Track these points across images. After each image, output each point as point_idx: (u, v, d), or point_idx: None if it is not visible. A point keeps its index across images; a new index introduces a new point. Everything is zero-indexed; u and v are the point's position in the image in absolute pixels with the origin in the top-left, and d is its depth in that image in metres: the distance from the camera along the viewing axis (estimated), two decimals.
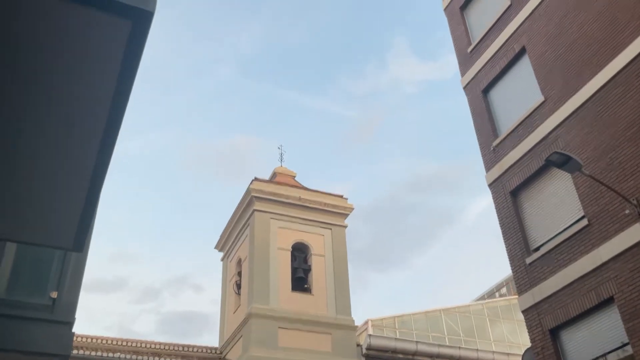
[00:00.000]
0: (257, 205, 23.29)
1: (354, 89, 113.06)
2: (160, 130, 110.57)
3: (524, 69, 13.86)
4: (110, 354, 18.03)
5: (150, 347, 21.68)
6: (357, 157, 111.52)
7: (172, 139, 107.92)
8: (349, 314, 22.49)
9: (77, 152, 3.23)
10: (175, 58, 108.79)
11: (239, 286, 23.77)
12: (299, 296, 22.24)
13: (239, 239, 24.66)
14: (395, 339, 23.05)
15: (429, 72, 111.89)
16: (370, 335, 22.29)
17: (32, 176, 3.38)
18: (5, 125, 3.03)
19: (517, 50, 14.02)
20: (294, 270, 22.74)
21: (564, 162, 9.80)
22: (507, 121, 14.03)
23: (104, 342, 20.88)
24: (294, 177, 26.64)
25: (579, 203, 11.30)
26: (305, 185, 25.82)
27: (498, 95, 14.70)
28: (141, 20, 2.49)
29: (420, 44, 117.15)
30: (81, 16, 2.44)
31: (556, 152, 9.96)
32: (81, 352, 17.46)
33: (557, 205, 11.96)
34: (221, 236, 26.33)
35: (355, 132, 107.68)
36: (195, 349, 22.70)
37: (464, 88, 15.89)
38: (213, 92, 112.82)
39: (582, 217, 11.13)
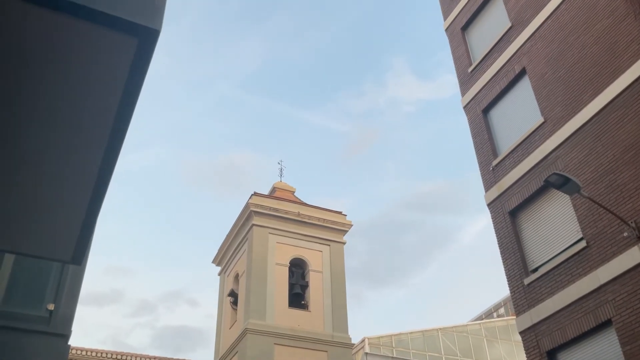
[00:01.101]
0: (256, 220, 23.27)
1: (353, 107, 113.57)
2: (159, 145, 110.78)
3: (524, 90, 13.94)
4: None
5: None
6: (355, 174, 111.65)
7: (171, 154, 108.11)
8: (346, 331, 22.37)
9: (79, 167, 3.25)
10: (175, 74, 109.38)
11: (235, 301, 23.65)
12: (295, 312, 22.13)
13: (237, 253, 24.60)
14: (392, 357, 22.90)
15: (427, 92, 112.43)
16: (367, 353, 22.16)
17: (33, 188, 3.40)
18: (9, 138, 3.06)
19: (517, 71, 14.12)
20: (291, 286, 22.66)
21: (563, 184, 9.83)
22: (506, 141, 14.08)
23: (99, 355, 20.75)
24: (294, 192, 26.65)
25: (578, 225, 11.31)
26: (304, 200, 25.82)
27: (498, 115, 14.77)
28: (147, 38, 2.52)
29: (419, 64, 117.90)
30: (88, 33, 2.48)
31: (555, 174, 9.99)
32: None
33: (556, 227, 11.96)
34: (219, 250, 26.27)
35: (354, 149, 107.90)
36: None
37: (464, 107, 15.97)
38: (213, 108, 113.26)
39: (581, 239, 11.13)
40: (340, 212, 25.26)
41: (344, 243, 24.69)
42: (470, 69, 16.07)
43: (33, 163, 3.25)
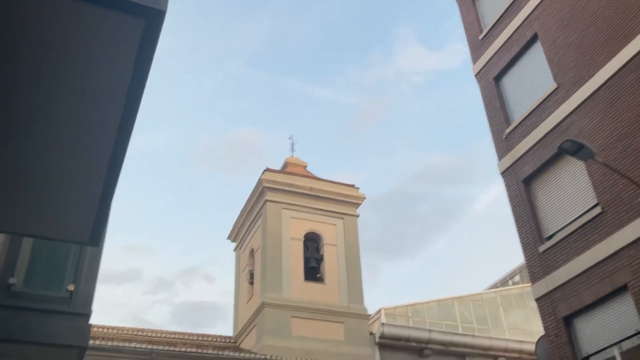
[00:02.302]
0: (269, 196, 23.37)
1: (361, 79, 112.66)
2: (170, 125, 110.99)
3: (536, 56, 13.74)
4: (127, 344, 18.23)
5: (166, 336, 21.91)
6: (366, 147, 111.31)
7: (182, 134, 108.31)
8: (362, 302, 22.57)
9: (92, 148, 3.27)
10: (183, 53, 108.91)
11: (252, 276, 23.90)
12: (311, 285, 22.34)
13: (252, 229, 24.77)
14: (408, 327, 23.09)
15: (436, 62, 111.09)
16: (383, 323, 22.35)
17: (48, 172, 3.43)
18: (22, 121, 3.08)
19: (529, 37, 13.89)
20: (306, 260, 22.84)
21: (577, 150, 9.74)
22: (519, 109, 13.93)
23: (120, 332, 21.12)
24: (305, 167, 26.66)
25: (593, 191, 11.24)
26: (316, 175, 25.85)
27: (510, 82, 14.59)
28: (154, 19, 2.52)
29: (427, 34, 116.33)
30: (95, 15, 2.48)
31: (569, 140, 9.89)
32: (97, 342, 17.67)
33: (571, 193, 11.90)
34: (234, 227, 26.46)
35: (363, 121, 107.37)
36: (210, 339, 22.91)
37: (476, 76, 15.79)
38: (222, 86, 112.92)
39: (596, 205, 11.07)
40: (352, 186, 25.27)
41: (358, 216, 24.75)
42: (481, 36, 15.84)
43: (48, 148, 3.27)
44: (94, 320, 23.08)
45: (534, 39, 13.83)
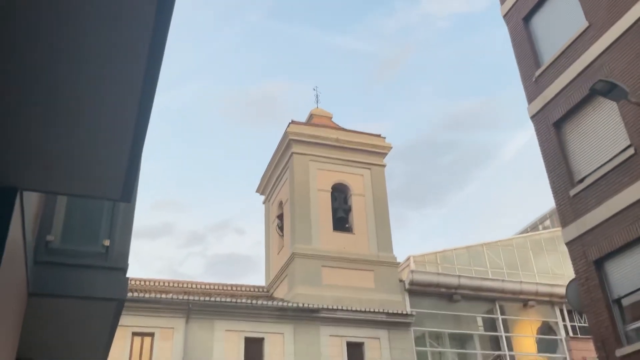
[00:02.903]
0: (296, 148, 23.42)
1: (385, 26, 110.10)
2: (193, 80, 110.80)
3: None
4: (164, 295, 18.85)
5: (201, 287, 22.56)
6: (391, 96, 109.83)
7: (206, 89, 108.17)
8: (391, 251, 22.79)
9: (118, 103, 3.30)
10: (201, 7, 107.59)
11: (281, 228, 24.24)
12: (340, 235, 22.60)
13: (279, 182, 24.97)
14: (438, 273, 23.32)
15: (461, 5, 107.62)
16: (412, 271, 22.60)
17: (77, 130, 3.48)
18: (46, 78, 3.10)
19: None
20: (334, 211, 23.03)
21: (609, 90, 9.47)
22: (549, 50, 13.51)
23: (157, 284, 21.79)
24: (331, 118, 26.54)
25: (625, 132, 10.97)
26: (342, 126, 25.72)
27: (540, 22, 14.11)
28: None
29: None
30: None
31: (601, 80, 9.62)
32: (135, 294, 18.30)
33: (602, 136, 11.64)
34: (261, 180, 26.70)
35: (387, 69, 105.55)
36: (243, 288, 23.51)
37: (504, 17, 15.30)
38: (242, 39, 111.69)
39: (629, 147, 10.82)
40: (379, 135, 25.13)
41: (384, 166, 24.71)
42: None
43: (74, 105, 3.31)
44: (131, 273, 23.87)
45: None
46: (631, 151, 10.67)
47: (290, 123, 23.82)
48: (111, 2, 2.66)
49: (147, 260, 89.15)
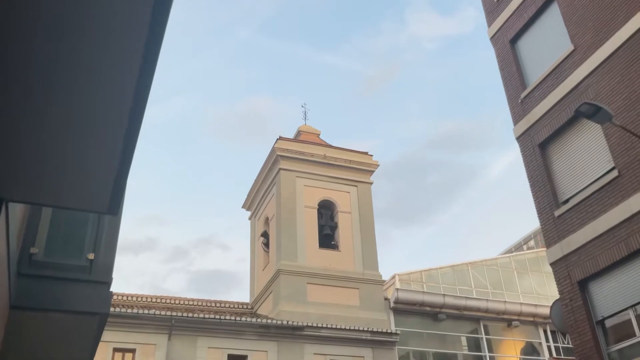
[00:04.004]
0: (283, 164, 23.41)
1: (373, 46, 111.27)
2: (181, 95, 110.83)
3: (553, 17, 13.44)
4: (146, 311, 18.61)
5: (184, 303, 22.31)
6: (378, 115, 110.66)
7: (194, 104, 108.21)
8: (376, 268, 22.75)
9: (109, 115, 3.28)
10: (194, 22, 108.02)
11: (267, 244, 24.13)
12: (326, 252, 22.53)
13: (266, 197, 24.90)
14: (423, 292, 23.30)
15: (449, 28, 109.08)
16: (397, 289, 22.56)
17: (66, 141, 3.46)
18: (34, 89, 3.08)
19: None
20: (320, 227, 22.98)
21: (594, 113, 9.60)
22: (535, 72, 13.71)
23: (140, 299, 21.53)
24: (319, 135, 26.61)
25: (609, 154, 11.11)
26: (329, 143, 25.80)
27: (526, 45, 14.33)
28: None
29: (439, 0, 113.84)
30: None
31: (586, 103, 9.75)
32: (118, 309, 18.05)
33: (587, 157, 11.78)
34: (248, 195, 26.62)
35: (375, 88, 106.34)
36: (227, 305, 23.29)
37: (491, 39, 15.51)
38: (232, 55, 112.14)
39: (613, 169, 10.96)
40: (366, 153, 25.22)
41: (371, 183, 24.76)
42: None
43: (64, 116, 3.28)
44: (114, 288, 23.55)
45: None
46: (615, 173, 10.80)
47: (278, 139, 23.84)
48: (105, 16, 2.66)
49: (129, 276, 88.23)
